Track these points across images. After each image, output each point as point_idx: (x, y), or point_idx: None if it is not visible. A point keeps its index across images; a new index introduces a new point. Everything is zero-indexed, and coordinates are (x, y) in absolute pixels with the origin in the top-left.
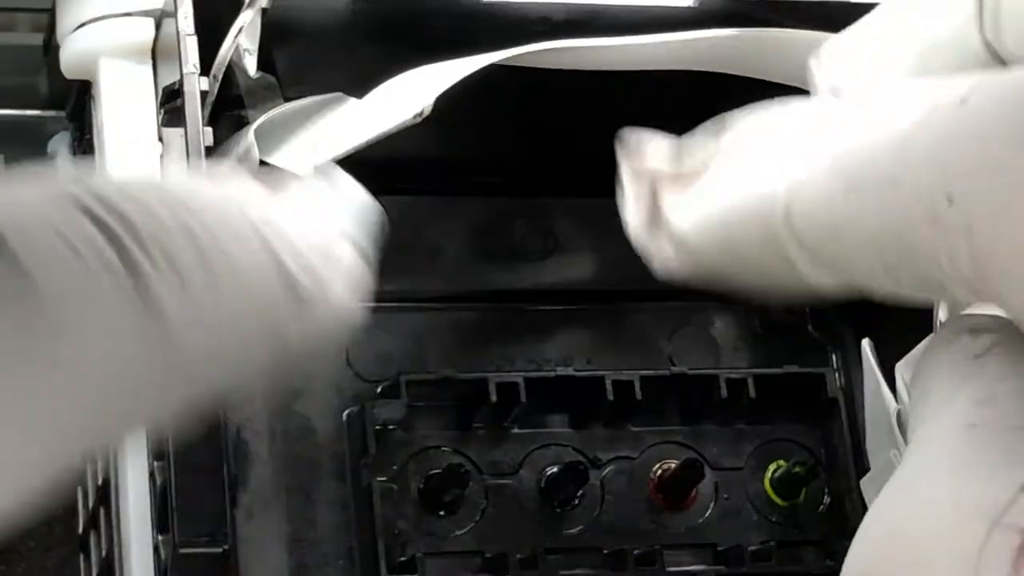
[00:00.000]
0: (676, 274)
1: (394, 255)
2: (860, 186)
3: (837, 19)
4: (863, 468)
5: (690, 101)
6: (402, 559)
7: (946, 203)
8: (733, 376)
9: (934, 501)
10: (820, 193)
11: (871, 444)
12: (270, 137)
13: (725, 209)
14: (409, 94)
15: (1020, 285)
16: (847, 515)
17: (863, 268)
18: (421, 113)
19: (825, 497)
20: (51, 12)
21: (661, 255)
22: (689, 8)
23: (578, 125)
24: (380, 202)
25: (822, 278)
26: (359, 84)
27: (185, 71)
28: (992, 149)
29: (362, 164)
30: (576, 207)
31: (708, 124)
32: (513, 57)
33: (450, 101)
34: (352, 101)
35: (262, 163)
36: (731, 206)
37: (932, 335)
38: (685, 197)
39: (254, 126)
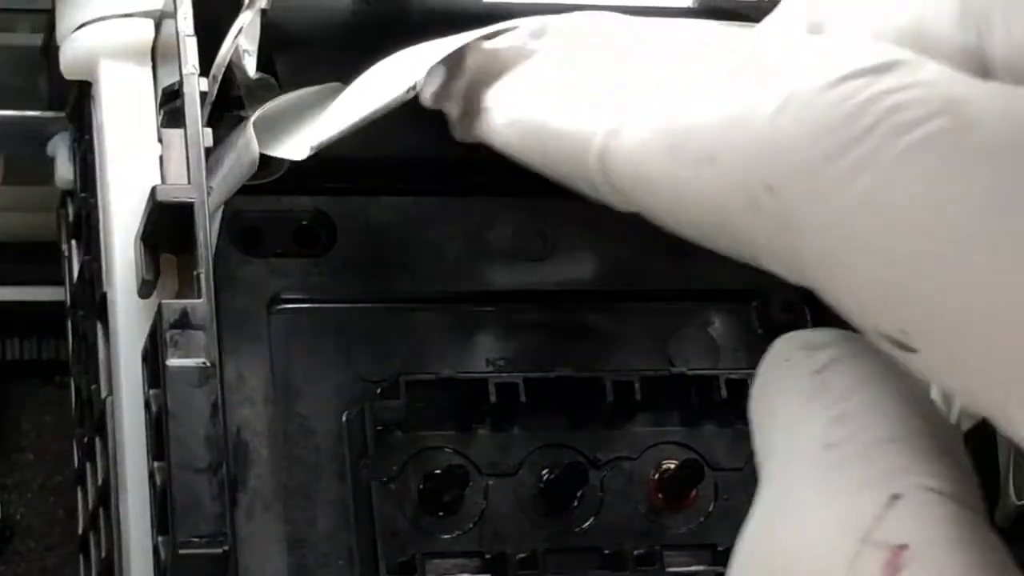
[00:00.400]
0: (465, 137)
1: (394, 255)
2: (682, 153)
3: None
4: None
5: None
6: (402, 559)
7: (763, 192)
8: (733, 376)
9: (802, 523)
10: (640, 145)
11: None
12: (269, 129)
13: (541, 119)
14: (401, 70)
15: (837, 278)
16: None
17: (675, 222)
18: (414, 87)
19: None
20: (51, 13)
21: (455, 120)
22: (688, 9)
23: None
24: (381, 203)
25: (629, 209)
26: None
27: (185, 72)
28: (811, 144)
29: (363, 164)
30: (575, 208)
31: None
32: (500, 29)
33: None
34: (348, 89)
35: (259, 169)
36: (547, 122)
37: (766, 354)
38: (503, 82)
39: (252, 119)
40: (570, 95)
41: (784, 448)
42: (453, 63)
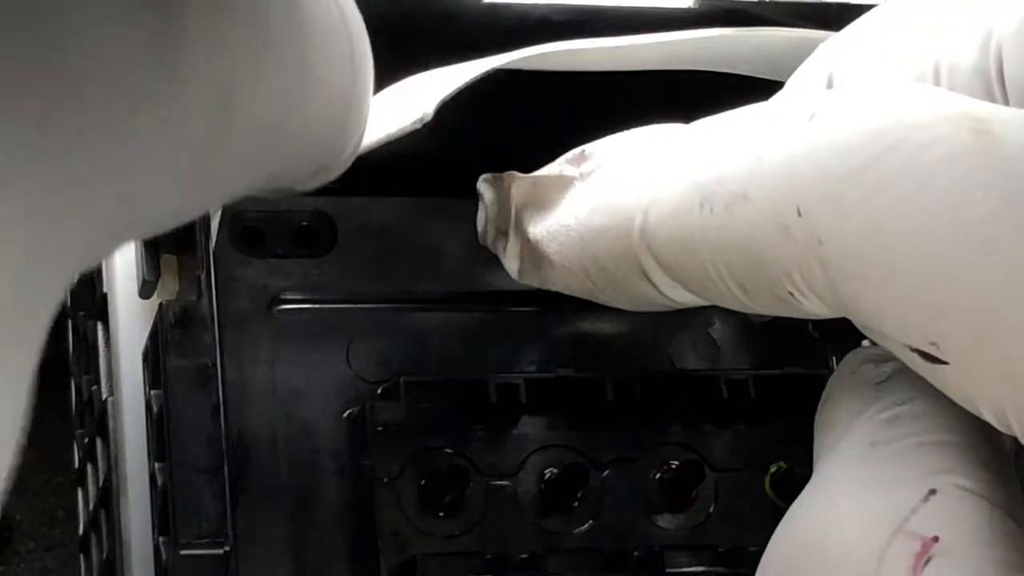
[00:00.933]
0: (527, 280)
1: (395, 256)
2: (713, 200)
3: (836, 19)
4: None
5: (689, 101)
6: (402, 560)
7: (795, 215)
8: (734, 377)
9: (840, 512)
10: (676, 207)
11: None
12: None
13: (585, 226)
14: (411, 100)
15: (868, 292)
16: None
17: (717, 284)
18: (423, 119)
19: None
20: None
21: (510, 261)
22: (689, 9)
23: (578, 126)
24: (381, 204)
25: (677, 295)
26: None
27: None
28: (837, 162)
29: (362, 165)
30: None
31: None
32: (515, 61)
33: (450, 102)
34: None
35: None
36: (591, 223)
37: (840, 366)
38: (545, 211)
39: None
40: (603, 194)
41: (835, 447)
42: (499, 196)
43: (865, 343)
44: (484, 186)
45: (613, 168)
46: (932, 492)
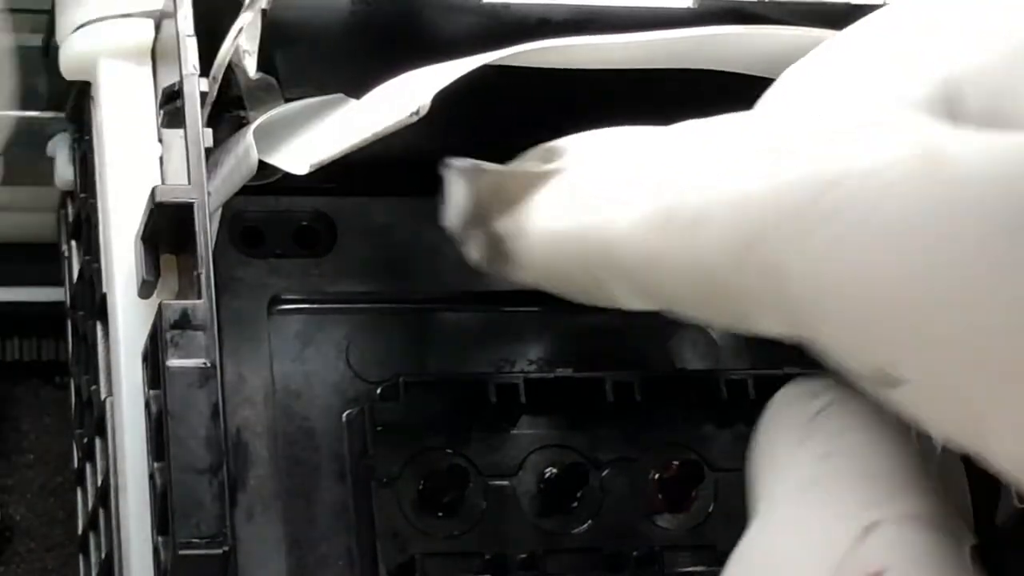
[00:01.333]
0: (492, 271)
1: (395, 256)
2: (676, 220)
3: (837, 19)
4: None
5: (686, 101)
6: (401, 560)
7: (752, 243)
8: (733, 377)
9: (783, 554)
10: (640, 222)
11: None
12: (269, 137)
13: (548, 228)
14: (406, 94)
15: (824, 318)
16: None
17: (678, 300)
18: (418, 112)
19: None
20: (50, 13)
21: (476, 252)
22: (689, 9)
23: (575, 126)
24: (381, 204)
25: (637, 304)
26: (360, 84)
27: (185, 72)
28: (790, 193)
29: (362, 166)
30: None
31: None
32: (508, 57)
33: (446, 100)
34: (351, 102)
35: (259, 170)
36: (555, 226)
37: (772, 400)
38: (511, 206)
39: (253, 126)
40: (572, 197)
41: (772, 488)
42: (466, 188)
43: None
44: (451, 176)
45: (582, 170)
46: (874, 524)
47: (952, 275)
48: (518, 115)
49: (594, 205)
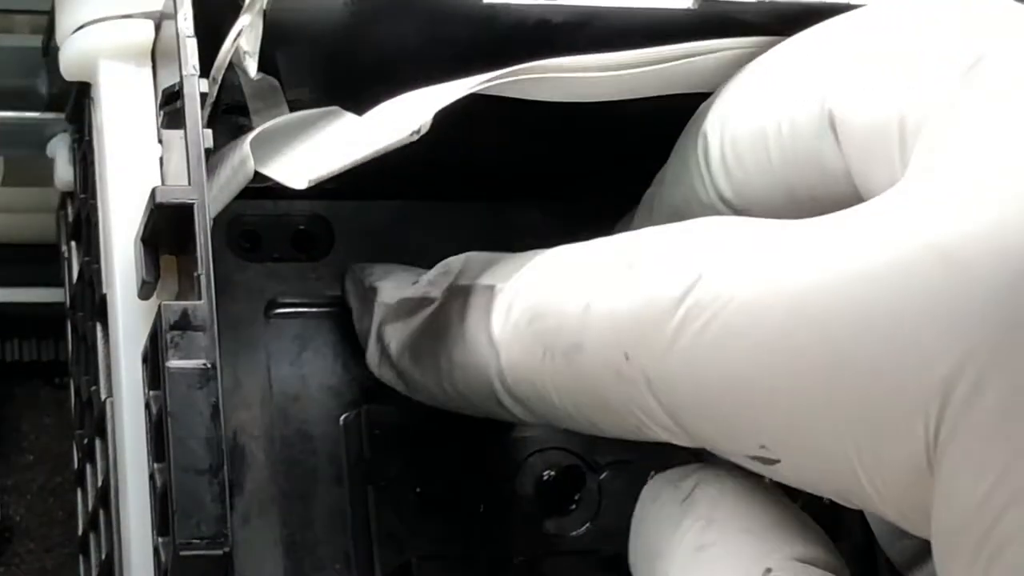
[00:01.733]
0: (386, 380)
1: (391, 260)
2: (554, 349)
3: None
4: None
5: (683, 106)
6: (398, 563)
7: (623, 360)
8: None
9: None
10: (522, 353)
11: None
12: (266, 148)
13: (444, 353)
14: (406, 112)
15: (698, 417)
16: (843, 515)
17: (570, 420)
18: (419, 131)
19: (824, 498)
20: (50, 14)
21: (371, 359)
22: (688, 10)
23: (572, 127)
24: (377, 207)
25: (533, 421)
26: (360, 85)
27: (185, 73)
28: (648, 307)
29: (359, 169)
30: (570, 211)
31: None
32: (506, 85)
33: (443, 109)
34: (349, 116)
35: (257, 174)
36: (449, 352)
37: (639, 499)
38: (405, 328)
39: (251, 137)
40: (466, 333)
41: (662, 569)
42: (363, 305)
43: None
44: (349, 286)
45: (471, 299)
46: (768, 571)
47: (796, 364)
48: (518, 116)
49: (481, 337)
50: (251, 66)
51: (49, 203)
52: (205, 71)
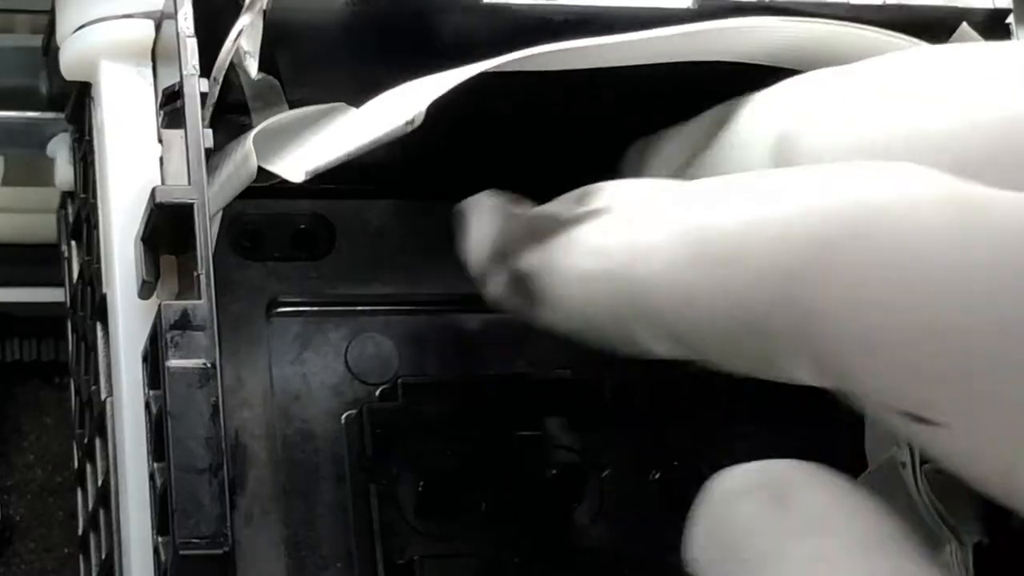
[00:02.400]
0: (515, 312)
1: (393, 258)
2: (708, 256)
3: (839, 20)
4: (863, 468)
5: (680, 107)
6: (400, 562)
7: (783, 283)
8: (732, 378)
9: None
10: (670, 263)
11: (870, 444)
12: (269, 144)
13: (578, 269)
14: (401, 103)
15: (857, 359)
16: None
17: (710, 343)
18: (412, 121)
19: None
20: (51, 14)
21: (498, 290)
22: (688, 9)
23: (572, 126)
24: (379, 206)
25: (662, 349)
26: (363, 83)
27: (185, 73)
28: (824, 231)
29: (360, 168)
30: None
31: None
32: (506, 63)
33: (442, 103)
34: (351, 111)
35: (260, 172)
36: (584, 267)
37: (710, 498)
38: (539, 247)
39: (253, 133)
40: (607, 246)
41: None
42: (492, 226)
43: None
44: (475, 211)
45: (614, 215)
46: None
47: (989, 326)
48: (518, 116)
49: (628, 245)
50: (252, 66)
51: (49, 203)
52: (206, 71)
